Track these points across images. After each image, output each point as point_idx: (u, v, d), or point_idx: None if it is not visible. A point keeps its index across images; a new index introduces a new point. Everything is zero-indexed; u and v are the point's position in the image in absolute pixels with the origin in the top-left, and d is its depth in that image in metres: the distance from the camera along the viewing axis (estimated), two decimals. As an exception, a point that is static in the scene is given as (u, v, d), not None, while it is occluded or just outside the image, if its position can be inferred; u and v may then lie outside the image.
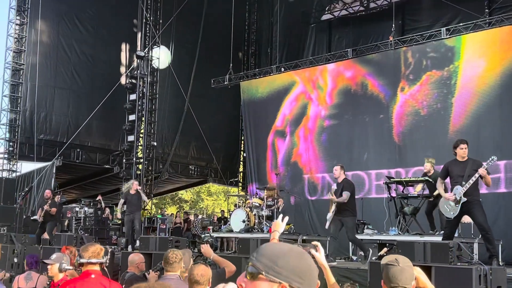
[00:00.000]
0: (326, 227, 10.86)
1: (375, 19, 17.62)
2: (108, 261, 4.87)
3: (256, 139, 19.10)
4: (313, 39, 19.91)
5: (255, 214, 14.28)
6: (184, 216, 21.46)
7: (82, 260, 4.76)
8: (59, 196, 16.71)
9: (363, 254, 10.23)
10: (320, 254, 3.60)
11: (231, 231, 14.33)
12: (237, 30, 19.97)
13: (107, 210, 18.22)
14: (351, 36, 18.60)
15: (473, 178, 8.12)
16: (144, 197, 13.95)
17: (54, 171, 17.30)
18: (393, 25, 15.66)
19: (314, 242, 3.76)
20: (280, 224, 3.65)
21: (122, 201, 13.72)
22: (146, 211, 18.29)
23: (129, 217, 13.15)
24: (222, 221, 18.67)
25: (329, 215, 10.62)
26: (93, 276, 4.63)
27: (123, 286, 5.50)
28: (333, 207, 10.55)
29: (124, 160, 18.15)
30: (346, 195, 10.31)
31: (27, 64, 17.77)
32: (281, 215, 3.67)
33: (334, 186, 11.06)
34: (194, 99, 19.72)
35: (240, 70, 20.55)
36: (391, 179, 12.61)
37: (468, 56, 14.41)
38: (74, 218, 16.88)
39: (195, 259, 7.17)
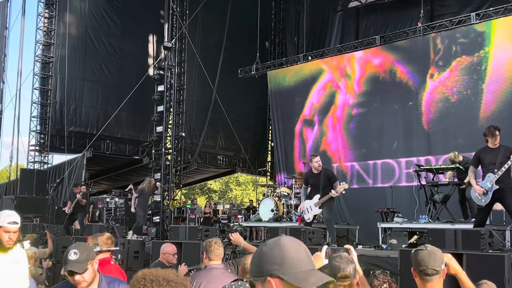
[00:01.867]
0: (309, 219, 10.70)
1: (403, 5, 17.37)
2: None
3: (283, 128, 19.08)
4: (340, 26, 19.75)
5: (283, 203, 14.30)
6: (213, 206, 21.62)
7: (103, 248, 5.02)
8: (84, 187, 16.96)
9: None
10: (354, 257, 3.61)
11: (260, 220, 14.39)
12: (263, 19, 19.93)
13: (138, 200, 18.39)
14: (379, 23, 18.39)
15: (506, 166, 8.00)
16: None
17: (84, 163, 17.55)
18: (422, 11, 15.45)
19: (346, 246, 3.78)
20: (321, 259, 3.68)
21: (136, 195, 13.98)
22: (175, 201, 18.43)
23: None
24: (251, 211, 18.71)
25: (315, 210, 10.51)
26: (112, 262, 5.01)
27: None
28: (315, 198, 10.44)
29: (153, 151, 18.24)
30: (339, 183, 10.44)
31: (56, 57, 18.00)
32: (324, 249, 3.67)
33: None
34: (222, 90, 19.75)
35: (267, 60, 20.50)
36: (421, 167, 12.50)
37: (499, 41, 14.14)
38: (105, 208, 17.12)
39: (225, 248, 7.21)
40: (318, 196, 10.44)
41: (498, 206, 9.31)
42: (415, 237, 8.83)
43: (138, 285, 2.49)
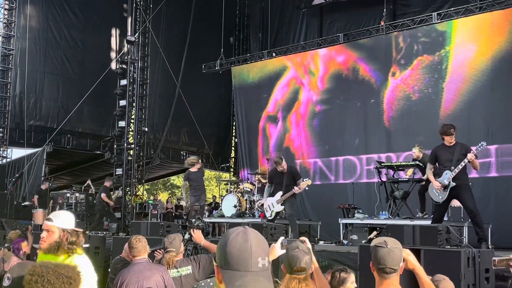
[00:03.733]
0: (271, 216, 10.76)
1: (366, 4, 17.54)
2: None
3: (247, 124, 19.10)
4: (304, 24, 19.83)
5: (246, 199, 14.32)
6: (176, 202, 21.50)
7: None
8: (49, 182, 16.71)
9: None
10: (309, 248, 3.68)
11: (222, 216, 14.38)
12: (228, 15, 19.86)
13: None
14: (343, 21, 18.54)
15: (462, 163, 8.18)
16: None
17: (44, 157, 17.25)
18: (385, 10, 15.64)
19: (302, 238, 3.83)
20: (277, 250, 3.71)
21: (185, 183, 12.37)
22: (137, 196, 18.28)
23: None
24: (213, 206, 18.68)
25: (277, 207, 10.56)
26: None
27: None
28: (277, 195, 10.51)
29: (115, 146, 18.07)
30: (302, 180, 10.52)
31: (16, 50, 17.63)
32: (280, 240, 3.68)
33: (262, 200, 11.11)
34: (185, 85, 19.63)
35: (231, 55, 20.46)
36: (382, 164, 12.68)
37: (459, 41, 14.41)
38: (65, 204, 16.86)
39: (186, 244, 7.18)
40: (280, 193, 10.49)
41: (455, 203, 9.50)
42: (375, 232, 8.96)
43: (28, 272, 2.53)
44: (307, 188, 10.60)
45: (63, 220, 4.06)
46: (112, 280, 5.76)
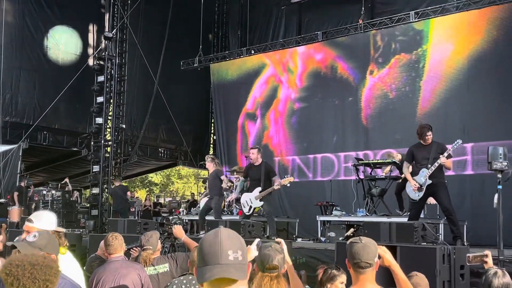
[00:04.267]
0: (248, 212, 10.60)
1: (345, 2, 17.60)
2: None
3: (226, 121, 19.07)
4: (283, 21, 19.84)
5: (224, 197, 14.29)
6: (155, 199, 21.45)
7: None
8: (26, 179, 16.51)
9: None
10: (284, 249, 3.71)
11: (200, 213, 14.32)
12: (207, 12, 19.81)
13: (76, 193, 18.05)
14: (321, 19, 18.58)
15: (438, 161, 8.28)
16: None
17: (20, 154, 17.01)
18: (363, 9, 15.70)
19: (278, 239, 3.86)
20: (252, 252, 3.71)
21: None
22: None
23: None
24: (192, 204, 18.64)
25: (256, 203, 10.47)
26: None
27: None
28: (255, 191, 10.44)
29: (92, 143, 17.91)
30: (285, 176, 10.43)
31: (-9, 45, 17.37)
32: (255, 242, 3.69)
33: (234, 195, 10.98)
34: (164, 82, 19.52)
35: (210, 52, 20.42)
36: (359, 161, 12.77)
37: (436, 40, 14.54)
38: (41, 201, 16.70)
39: (163, 241, 7.15)
40: (259, 189, 10.38)
41: (431, 200, 9.60)
42: (352, 230, 9.02)
43: (4, 271, 2.50)
44: (288, 185, 10.55)
45: (44, 222, 4.04)
46: (87, 278, 5.71)
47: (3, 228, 10.10)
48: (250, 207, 10.50)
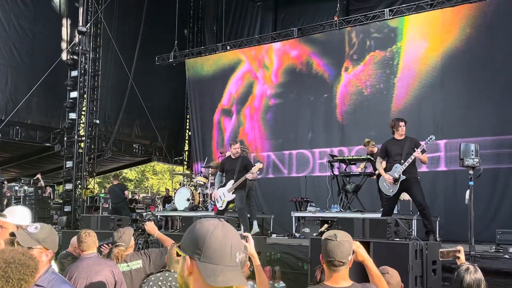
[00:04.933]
0: (222, 207, 10.53)
1: (321, -1, 17.69)
2: None
3: (201, 117, 19.01)
4: (259, 17, 19.83)
5: (199, 193, 14.29)
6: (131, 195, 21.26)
7: None
8: None
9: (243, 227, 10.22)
10: (250, 245, 3.72)
11: (175, 209, 14.30)
12: (182, 7, 19.69)
13: (49, 189, 17.83)
14: (297, 16, 18.63)
15: (412, 157, 8.36)
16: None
17: (-8, 149, 16.78)
18: (338, 5, 15.75)
19: (245, 234, 3.86)
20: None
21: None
22: (88, 190, 17.98)
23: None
24: (167, 200, 18.55)
25: (228, 196, 10.37)
26: None
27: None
28: (229, 184, 10.37)
29: (65, 138, 17.69)
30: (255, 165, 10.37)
31: (-38, 40, 17.05)
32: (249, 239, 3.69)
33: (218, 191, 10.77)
34: (138, 77, 19.36)
35: (186, 48, 20.30)
36: (334, 158, 12.82)
37: (411, 37, 14.67)
38: (13, 197, 16.46)
39: (137, 238, 7.10)
40: (232, 181, 10.32)
41: (405, 196, 9.70)
42: (326, 225, 9.07)
43: None
44: (258, 173, 10.45)
45: (17, 217, 4.01)
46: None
47: None
48: (224, 201, 10.43)
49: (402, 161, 8.38)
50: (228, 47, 18.24)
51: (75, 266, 4.96)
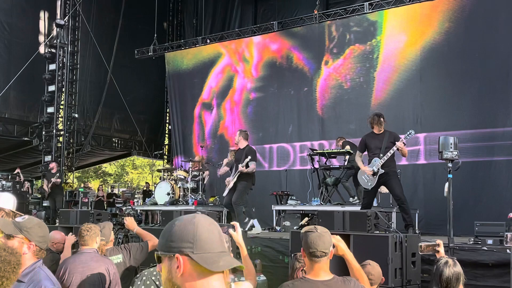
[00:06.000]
0: (224, 194, 10.79)
1: (301, -8, 17.66)
2: None
3: (182, 111, 18.92)
4: (239, 11, 19.76)
5: (180, 187, 14.23)
6: (110, 189, 21.15)
7: None
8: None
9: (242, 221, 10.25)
10: (237, 233, 3.71)
11: (155, 204, 14.24)
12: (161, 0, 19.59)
13: (27, 184, 17.64)
14: (276, 9, 18.61)
15: (391, 151, 8.42)
16: None
17: (-31, 144, 16.56)
18: (318, -1, 15.77)
19: (233, 222, 3.86)
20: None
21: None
22: (67, 184, 17.83)
23: None
24: (147, 194, 18.47)
25: (231, 183, 10.51)
26: None
27: None
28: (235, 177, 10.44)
29: (43, 133, 17.52)
30: (253, 165, 10.34)
31: None
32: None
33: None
34: (117, 70, 19.22)
35: (165, 41, 20.18)
36: (314, 151, 12.85)
37: (390, 31, 14.72)
38: (-9, 192, 16.26)
39: (117, 232, 7.06)
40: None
41: (383, 189, 9.76)
42: (306, 219, 9.08)
43: None
44: (247, 168, 10.40)
45: (1, 200, 4.00)
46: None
47: None
48: (229, 189, 10.54)
49: (381, 155, 8.43)
50: (208, 41, 18.18)
51: (72, 259, 4.93)
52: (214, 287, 1.71)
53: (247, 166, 10.25)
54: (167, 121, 21.62)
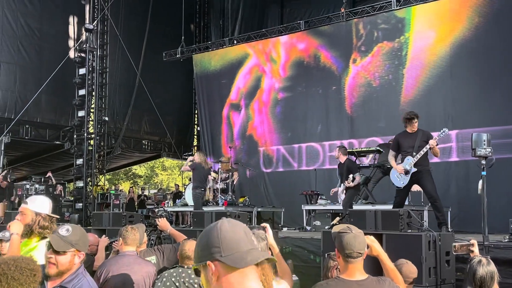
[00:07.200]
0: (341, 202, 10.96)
1: (327, -10, 17.61)
2: None
3: (210, 112, 18.99)
4: (265, 11, 19.78)
5: (210, 188, 14.27)
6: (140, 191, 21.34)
7: None
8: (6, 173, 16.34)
9: None
10: (268, 235, 3.71)
11: (186, 205, 14.32)
12: (188, 2, 19.70)
13: (59, 187, 17.92)
14: (303, 8, 18.56)
15: (424, 150, 8.32)
16: None
17: (2, 148, 16.86)
18: (344, -3, 15.69)
19: (263, 224, 3.85)
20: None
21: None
22: (99, 187, 18.05)
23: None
24: (177, 196, 18.58)
25: (342, 196, 10.78)
26: None
27: None
28: (341, 187, 10.78)
29: (75, 136, 17.77)
30: (358, 177, 10.66)
31: (-29, 39, 17.10)
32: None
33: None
34: (146, 73, 19.40)
35: (193, 43, 20.30)
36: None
37: (418, 27, 14.56)
38: (24, 195, 16.53)
39: (149, 234, 7.11)
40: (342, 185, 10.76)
41: (415, 187, 9.65)
42: (337, 218, 9.03)
43: None
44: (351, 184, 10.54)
45: (38, 205, 4.08)
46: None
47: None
48: (340, 199, 10.85)
49: (414, 153, 8.35)
50: (235, 42, 18.22)
51: (114, 261, 4.95)
52: None
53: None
54: (196, 122, 21.74)
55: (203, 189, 12.79)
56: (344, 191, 10.64)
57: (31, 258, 2.68)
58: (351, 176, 10.40)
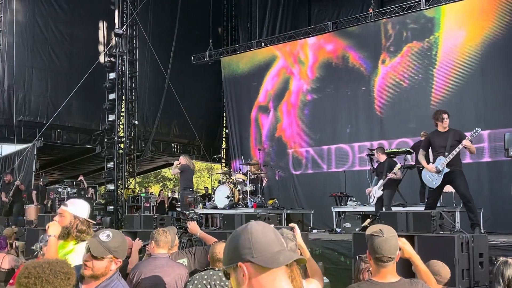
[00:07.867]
0: (373, 202, 10.91)
1: (354, -9, 17.52)
2: None
3: (238, 115, 19.06)
4: (292, 13, 19.76)
5: (239, 190, 14.31)
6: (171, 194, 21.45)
7: None
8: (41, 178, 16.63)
9: None
10: (297, 235, 3.70)
11: (215, 207, 14.37)
12: (215, 5, 19.78)
13: (91, 190, 18.13)
14: (331, 9, 18.51)
15: (456, 149, 8.20)
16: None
17: (35, 153, 17.11)
18: (372, -3, 15.59)
19: (291, 224, 3.84)
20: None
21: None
22: (129, 190, 18.23)
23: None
24: (207, 198, 18.65)
25: (378, 192, 10.73)
26: None
27: None
28: (379, 183, 10.71)
29: (105, 140, 17.97)
30: (400, 173, 10.76)
31: (3, 45, 17.38)
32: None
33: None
34: (175, 76, 19.53)
35: (220, 46, 20.39)
36: (373, 151, 12.68)
37: (448, 27, 14.40)
38: (57, 199, 16.78)
39: (180, 236, 7.16)
40: (381, 181, 10.72)
41: (448, 188, 9.53)
42: (368, 220, 8.98)
43: (23, 275, 2.53)
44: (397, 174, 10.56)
45: (77, 208, 4.15)
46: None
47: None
48: (374, 197, 10.79)
49: (446, 153, 8.23)
50: (263, 44, 18.24)
51: (147, 263, 4.99)
52: None
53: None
54: (224, 125, 21.81)
55: (191, 189, 13.46)
56: (382, 188, 10.55)
57: (66, 261, 2.72)
58: (397, 165, 10.49)
